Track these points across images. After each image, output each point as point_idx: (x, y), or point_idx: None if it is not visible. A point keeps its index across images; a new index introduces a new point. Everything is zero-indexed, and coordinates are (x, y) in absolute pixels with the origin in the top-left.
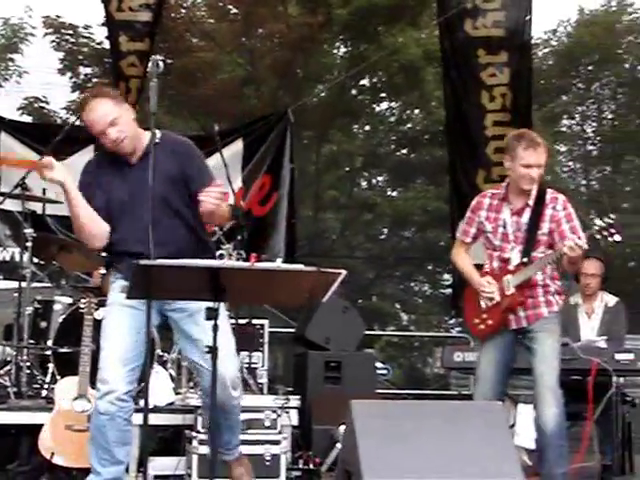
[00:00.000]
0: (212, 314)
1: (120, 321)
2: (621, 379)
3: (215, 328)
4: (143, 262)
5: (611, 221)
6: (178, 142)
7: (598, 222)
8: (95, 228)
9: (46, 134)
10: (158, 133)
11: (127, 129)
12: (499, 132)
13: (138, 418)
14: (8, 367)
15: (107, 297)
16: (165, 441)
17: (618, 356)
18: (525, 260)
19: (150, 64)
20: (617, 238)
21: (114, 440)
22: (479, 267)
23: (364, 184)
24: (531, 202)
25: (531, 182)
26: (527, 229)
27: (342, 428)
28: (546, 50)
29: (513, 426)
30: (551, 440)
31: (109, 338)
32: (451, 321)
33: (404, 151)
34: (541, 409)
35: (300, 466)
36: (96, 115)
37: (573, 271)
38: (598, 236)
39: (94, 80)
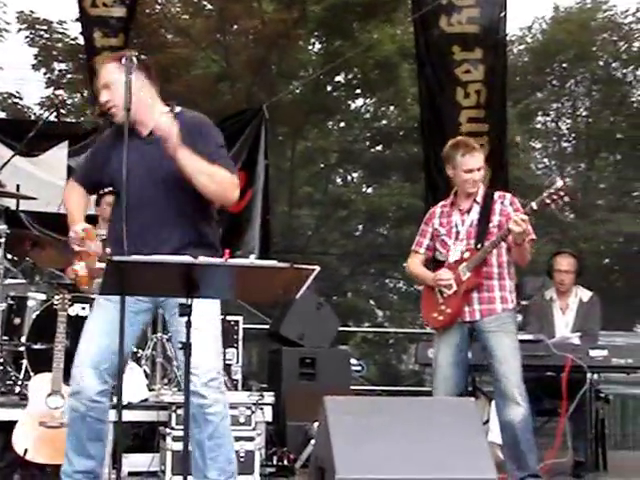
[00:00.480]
0: (185, 310)
1: (105, 318)
2: (595, 375)
3: (188, 324)
4: (116, 258)
5: (559, 185)
6: (194, 122)
7: (547, 190)
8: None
9: (20, 130)
10: (177, 109)
11: (116, 99)
12: (474, 129)
13: (112, 414)
14: None
15: (82, 292)
16: (139, 438)
17: (592, 352)
18: (478, 247)
19: (124, 60)
20: (566, 198)
21: (87, 436)
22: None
23: (339, 180)
24: (479, 199)
25: (474, 185)
26: (477, 223)
27: (316, 424)
28: (521, 47)
29: (487, 422)
30: (520, 434)
31: (86, 335)
32: None
33: (379, 147)
34: (507, 405)
35: (274, 462)
36: (99, 72)
37: (523, 261)
38: (548, 201)
39: (68, 76)
